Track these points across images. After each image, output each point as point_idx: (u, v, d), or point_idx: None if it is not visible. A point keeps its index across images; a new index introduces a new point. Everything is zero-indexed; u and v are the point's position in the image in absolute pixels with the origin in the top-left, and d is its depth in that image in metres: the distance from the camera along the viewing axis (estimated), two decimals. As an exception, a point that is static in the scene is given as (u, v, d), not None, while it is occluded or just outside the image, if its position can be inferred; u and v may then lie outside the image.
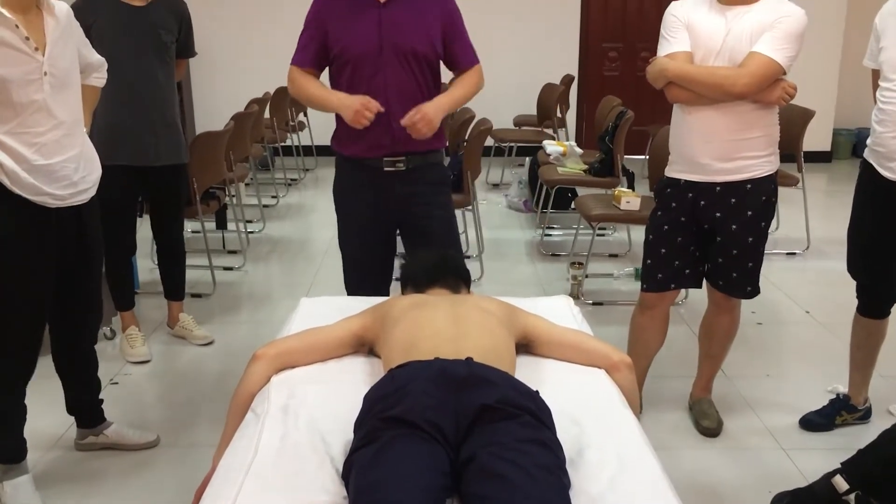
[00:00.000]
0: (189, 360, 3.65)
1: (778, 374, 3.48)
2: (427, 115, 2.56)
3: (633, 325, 3.02)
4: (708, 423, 2.97)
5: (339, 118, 2.72)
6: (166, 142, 3.45)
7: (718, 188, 2.64)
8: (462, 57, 2.77)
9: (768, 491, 2.57)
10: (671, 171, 2.77)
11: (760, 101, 2.56)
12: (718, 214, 2.67)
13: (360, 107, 2.53)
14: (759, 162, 2.62)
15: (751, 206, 2.64)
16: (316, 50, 2.70)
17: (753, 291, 2.79)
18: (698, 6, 2.63)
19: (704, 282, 2.86)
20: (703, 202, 2.68)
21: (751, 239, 2.67)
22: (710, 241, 2.75)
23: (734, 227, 2.65)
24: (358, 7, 2.64)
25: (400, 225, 2.87)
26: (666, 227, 2.77)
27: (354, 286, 2.91)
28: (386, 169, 2.74)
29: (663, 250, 2.80)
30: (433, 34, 2.68)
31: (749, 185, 2.62)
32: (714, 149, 2.60)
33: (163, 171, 3.49)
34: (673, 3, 2.70)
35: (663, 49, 2.66)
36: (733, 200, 2.63)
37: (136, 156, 3.39)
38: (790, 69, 2.51)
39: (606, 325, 3.99)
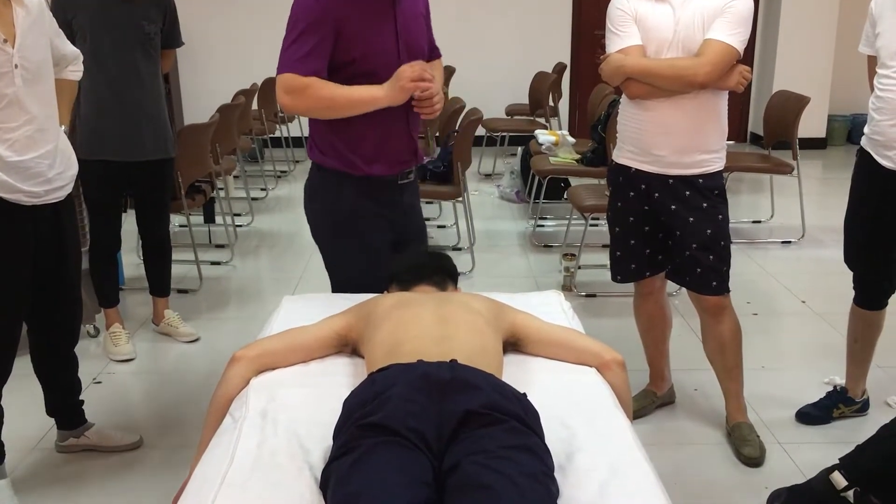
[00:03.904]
0: (174, 359, 3.59)
1: (773, 365, 3.42)
2: (435, 89, 2.29)
3: (640, 314, 2.98)
4: (750, 451, 2.69)
5: (338, 135, 2.35)
6: (152, 136, 3.39)
7: (671, 181, 2.60)
8: (432, 48, 2.60)
9: (764, 487, 2.52)
10: (620, 158, 2.73)
11: (719, 88, 2.53)
12: (673, 207, 2.62)
13: (411, 84, 2.19)
14: (712, 158, 2.60)
15: (705, 198, 2.60)
16: (328, 54, 2.22)
17: (720, 287, 2.66)
18: None
19: (688, 296, 2.78)
20: (656, 194, 2.64)
21: (709, 231, 2.60)
22: (670, 237, 2.70)
23: (691, 218, 2.60)
24: (372, 6, 2.26)
25: (396, 239, 2.57)
26: (631, 218, 2.74)
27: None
28: (400, 182, 2.49)
29: (633, 241, 2.77)
30: (426, 31, 2.51)
31: (701, 180, 2.60)
32: (672, 141, 2.56)
33: (149, 166, 3.42)
34: None
35: (614, 45, 2.58)
36: (687, 193, 2.60)
37: (121, 150, 3.32)
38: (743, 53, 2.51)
39: (599, 317, 3.94)
